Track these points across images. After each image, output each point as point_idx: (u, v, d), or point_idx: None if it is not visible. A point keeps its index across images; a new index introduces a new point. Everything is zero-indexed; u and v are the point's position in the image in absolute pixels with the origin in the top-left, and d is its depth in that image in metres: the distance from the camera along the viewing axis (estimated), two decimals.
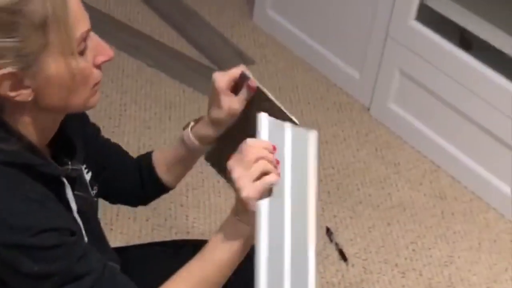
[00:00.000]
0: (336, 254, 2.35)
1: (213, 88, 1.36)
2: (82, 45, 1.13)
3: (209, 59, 3.08)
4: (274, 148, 1.22)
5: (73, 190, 1.24)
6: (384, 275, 2.31)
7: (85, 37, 1.13)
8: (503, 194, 2.53)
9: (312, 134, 1.27)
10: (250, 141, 1.20)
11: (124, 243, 2.21)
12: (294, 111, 2.85)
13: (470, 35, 2.55)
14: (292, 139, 1.26)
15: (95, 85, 1.18)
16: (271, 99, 1.34)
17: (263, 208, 1.18)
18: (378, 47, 2.75)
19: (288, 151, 1.24)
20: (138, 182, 1.51)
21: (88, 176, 1.36)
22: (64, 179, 1.21)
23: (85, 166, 1.35)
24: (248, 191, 1.17)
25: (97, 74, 1.18)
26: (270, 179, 1.18)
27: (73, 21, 1.10)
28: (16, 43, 1.07)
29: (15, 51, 1.08)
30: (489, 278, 2.35)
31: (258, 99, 1.37)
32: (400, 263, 2.35)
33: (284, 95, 2.93)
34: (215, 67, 3.02)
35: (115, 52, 1.20)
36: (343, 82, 2.98)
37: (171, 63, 3.03)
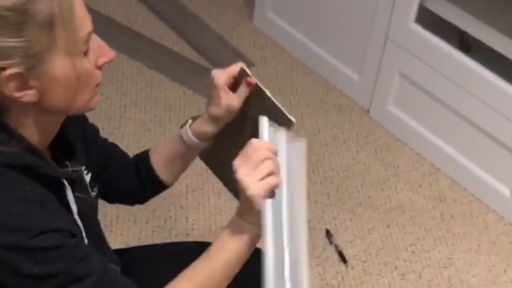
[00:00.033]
0: (335, 256, 2.36)
1: (212, 85, 1.37)
2: (86, 46, 1.14)
3: (209, 61, 3.08)
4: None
5: (73, 191, 1.24)
6: (383, 277, 2.31)
7: (88, 38, 1.14)
8: (502, 196, 2.54)
9: (303, 143, 1.30)
10: (256, 141, 1.22)
11: (124, 245, 2.21)
12: (294, 113, 2.83)
13: (469, 37, 2.56)
14: (286, 146, 1.28)
15: (96, 86, 1.19)
16: (269, 96, 1.35)
17: (269, 207, 1.19)
18: (377, 49, 2.76)
19: (283, 157, 1.26)
20: (136, 181, 1.52)
21: (88, 177, 1.36)
22: (64, 181, 1.21)
23: (84, 167, 1.35)
24: (255, 189, 1.18)
25: (98, 75, 1.18)
26: (276, 179, 1.20)
27: (78, 21, 1.11)
28: (23, 43, 1.07)
29: (23, 51, 1.08)
30: (488, 280, 2.35)
31: (256, 96, 1.38)
32: (400, 265, 2.35)
33: (284, 97, 2.94)
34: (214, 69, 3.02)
35: (115, 54, 1.21)
36: (342, 85, 2.99)
37: (171, 65, 3.03)
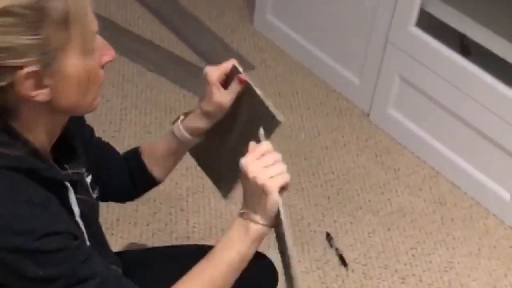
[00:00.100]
0: (336, 259, 2.35)
1: (204, 81, 1.41)
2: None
3: (209, 64, 3.07)
4: None
5: (75, 193, 1.24)
6: (384, 280, 2.31)
7: (95, 37, 1.15)
8: (502, 200, 2.54)
9: None
10: (267, 143, 1.27)
11: (125, 248, 2.21)
12: (293, 116, 2.86)
13: (469, 41, 2.56)
14: None
15: (99, 85, 1.19)
16: (258, 95, 1.37)
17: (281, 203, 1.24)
18: (378, 52, 2.76)
19: None
20: (128, 178, 1.52)
21: (88, 179, 1.36)
22: (67, 183, 1.21)
23: (85, 169, 1.35)
24: (270, 185, 1.22)
25: (102, 74, 1.19)
26: (288, 177, 1.24)
27: (90, 19, 1.12)
28: (39, 41, 1.07)
29: (39, 49, 1.08)
30: (488, 284, 2.35)
31: (247, 94, 1.39)
32: (400, 269, 2.35)
33: (284, 100, 2.94)
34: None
35: (115, 56, 1.21)
36: (343, 88, 2.99)
37: (171, 68, 3.03)
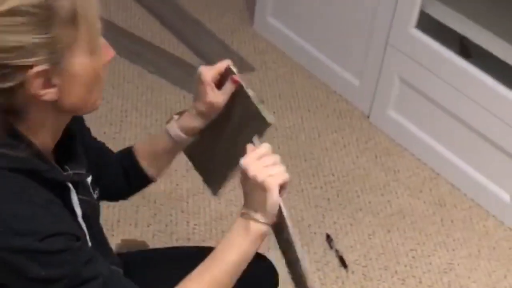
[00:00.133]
0: (336, 261, 2.36)
1: (198, 81, 1.41)
2: None
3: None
4: None
5: (77, 194, 1.24)
6: (384, 282, 2.31)
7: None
8: (502, 202, 2.54)
9: None
10: (266, 146, 1.27)
11: (125, 250, 2.22)
12: (294, 117, 2.86)
13: (469, 43, 2.56)
14: None
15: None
16: (250, 96, 1.38)
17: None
18: (378, 54, 2.76)
19: None
20: (122, 178, 1.53)
21: (89, 180, 1.36)
22: (69, 184, 1.22)
23: (86, 170, 1.36)
24: (271, 183, 1.23)
25: (105, 73, 1.20)
26: (287, 176, 1.25)
27: (96, 18, 1.13)
28: (49, 39, 1.07)
29: (49, 47, 1.08)
30: (488, 285, 2.35)
31: (241, 95, 1.40)
32: (400, 270, 2.35)
33: (284, 101, 2.94)
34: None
35: (115, 58, 1.22)
36: (343, 89, 2.99)
37: (171, 70, 3.03)
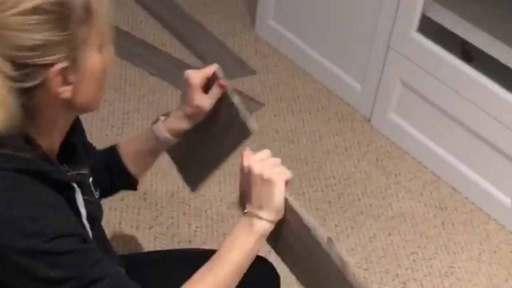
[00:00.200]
0: None
1: (186, 85, 1.43)
2: None
3: None
4: None
5: (83, 195, 1.25)
6: (385, 285, 2.32)
7: None
8: (503, 205, 2.54)
9: None
10: (265, 151, 1.31)
11: (127, 252, 2.22)
12: (295, 121, 2.87)
13: (471, 47, 2.57)
14: None
15: None
16: (233, 102, 1.42)
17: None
18: (379, 58, 2.77)
19: None
20: (107, 176, 1.53)
21: (90, 180, 1.37)
22: (74, 185, 1.22)
23: (88, 170, 1.36)
24: (277, 177, 1.27)
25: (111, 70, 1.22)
26: (290, 174, 1.29)
27: (107, 13, 1.14)
28: (68, 36, 1.08)
29: (67, 44, 1.09)
30: None
31: (226, 100, 1.44)
32: (401, 274, 2.36)
33: (285, 105, 2.94)
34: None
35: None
36: (344, 93, 3.00)
37: (173, 72, 3.04)
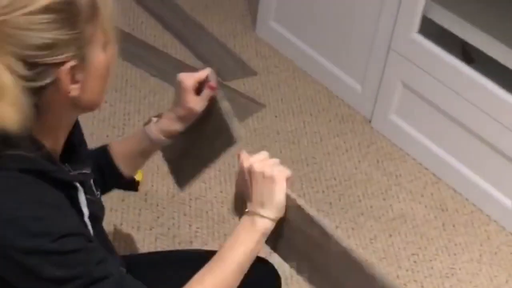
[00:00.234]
0: None
1: (179, 87, 1.46)
2: None
3: (213, 70, 3.08)
4: None
5: (85, 194, 1.25)
6: None
7: None
8: (504, 207, 2.54)
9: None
10: (263, 153, 1.33)
11: (128, 253, 2.22)
12: (296, 122, 2.87)
13: (472, 48, 2.57)
14: None
15: None
16: (220, 108, 1.45)
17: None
18: (380, 59, 2.77)
19: None
20: (97, 174, 1.53)
21: (91, 180, 1.37)
22: (77, 184, 1.23)
23: (90, 170, 1.37)
24: (278, 175, 1.29)
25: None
26: (290, 172, 1.32)
27: (111, 11, 1.15)
28: (76, 34, 1.09)
29: (76, 42, 1.09)
30: None
31: (215, 106, 1.47)
32: (402, 275, 2.36)
33: (286, 106, 2.95)
34: (217, 78, 3.03)
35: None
36: (345, 94, 3.00)
37: (174, 73, 3.01)
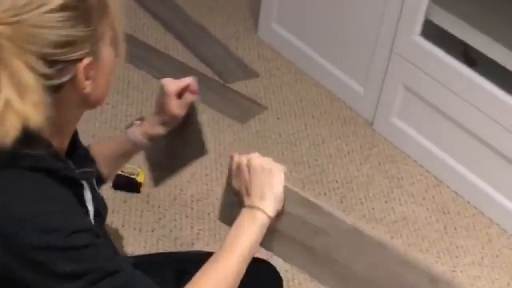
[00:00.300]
0: None
1: (162, 92, 1.50)
2: None
3: (213, 72, 3.09)
4: None
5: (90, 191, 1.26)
6: None
7: None
8: (505, 209, 2.54)
9: None
10: (256, 154, 1.39)
11: (129, 254, 2.22)
12: (298, 124, 2.87)
13: (474, 51, 2.57)
14: None
15: None
16: (197, 119, 1.51)
17: None
18: (382, 62, 2.77)
19: None
20: None
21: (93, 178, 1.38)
22: (84, 182, 1.23)
23: (91, 168, 1.37)
24: (276, 166, 1.37)
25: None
26: (285, 168, 1.38)
27: (120, 7, 1.16)
28: (91, 31, 1.11)
29: (90, 39, 1.11)
30: None
31: (193, 115, 1.52)
32: None
33: (288, 108, 2.95)
34: (219, 80, 3.04)
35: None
36: (347, 96, 3.00)
37: (176, 75, 3.02)
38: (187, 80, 1.51)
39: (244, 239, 1.30)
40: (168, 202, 2.46)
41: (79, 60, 1.10)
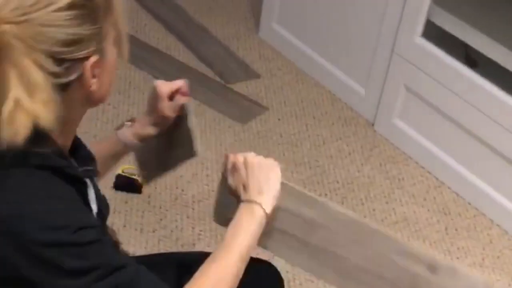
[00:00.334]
0: None
1: (154, 93, 1.50)
2: None
3: (214, 72, 3.10)
4: None
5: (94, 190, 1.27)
6: None
7: None
8: (506, 211, 2.54)
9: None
10: (252, 154, 1.40)
11: (131, 255, 2.22)
12: (299, 125, 2.87)
13: (475, 52, 2.57)
14: None
15: None
16: (187, 121, 1.51)
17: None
18: (383, 63, 2.77)
19: None
20: None
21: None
22: (87, 180, 1.24)
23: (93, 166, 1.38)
24: (274, 162, 1.39)
25: None
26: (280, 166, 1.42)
27: (122, 5, 1.17)
28: (97, 29, 1.12)
29: (97, 37, 1.12)
30: None
31: (184, 117, 1.52)
32: None
33: (289, 109, 2.95)
34: (220, 80, 3.05)
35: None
36: (348, 97, 3.00)
37: (177, 76, 3.03)
38: (178, 83, 1.52)
39: (242, 237, 1.30)
40: (169, 202, 2.46)
41: (86, 58, 1.11)
